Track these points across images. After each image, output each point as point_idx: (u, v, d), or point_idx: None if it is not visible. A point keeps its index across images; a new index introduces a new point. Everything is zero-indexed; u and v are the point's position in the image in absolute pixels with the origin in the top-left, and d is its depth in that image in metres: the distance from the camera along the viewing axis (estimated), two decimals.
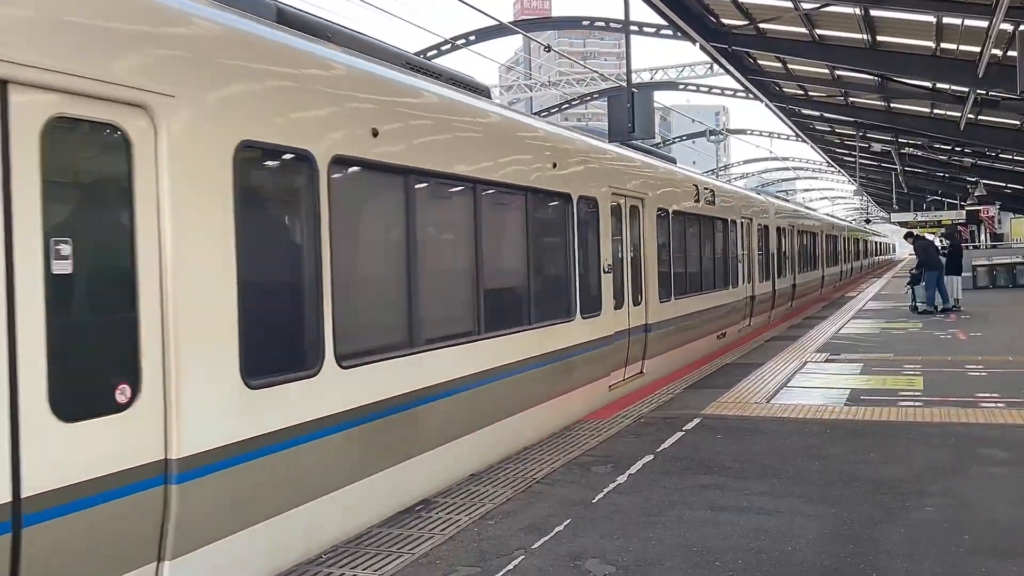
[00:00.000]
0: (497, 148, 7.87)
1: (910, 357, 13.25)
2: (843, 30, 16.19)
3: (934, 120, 23.62)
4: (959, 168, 34.19)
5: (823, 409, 9.41)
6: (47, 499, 3.70)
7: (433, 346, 6.55)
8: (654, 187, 12.11)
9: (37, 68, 3.70)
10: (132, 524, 4.10)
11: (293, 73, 5.32)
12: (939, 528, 5.52)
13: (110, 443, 3.98)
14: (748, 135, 48.57)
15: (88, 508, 3.86)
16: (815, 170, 60.81)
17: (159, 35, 4.36)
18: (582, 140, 10.26)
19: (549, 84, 39.65)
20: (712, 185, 16.22)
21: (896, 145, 30.66)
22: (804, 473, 6.88)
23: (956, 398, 9.78)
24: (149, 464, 4.16)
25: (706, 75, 34.04)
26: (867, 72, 18.92)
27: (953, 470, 6.87)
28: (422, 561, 5.16)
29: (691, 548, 5.26)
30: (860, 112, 24.74)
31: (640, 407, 9.85)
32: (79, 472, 3.83)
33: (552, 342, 8.60)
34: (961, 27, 14.39)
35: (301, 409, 5.12)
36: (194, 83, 4.49)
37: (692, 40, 17.56)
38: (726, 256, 16.23)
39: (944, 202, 46.02)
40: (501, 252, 8.08)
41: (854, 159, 33.72)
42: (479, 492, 6.57)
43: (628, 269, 10.92)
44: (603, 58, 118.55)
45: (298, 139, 5.21)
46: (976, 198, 37.19)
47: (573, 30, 76.75)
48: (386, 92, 6.35)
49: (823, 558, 5.05)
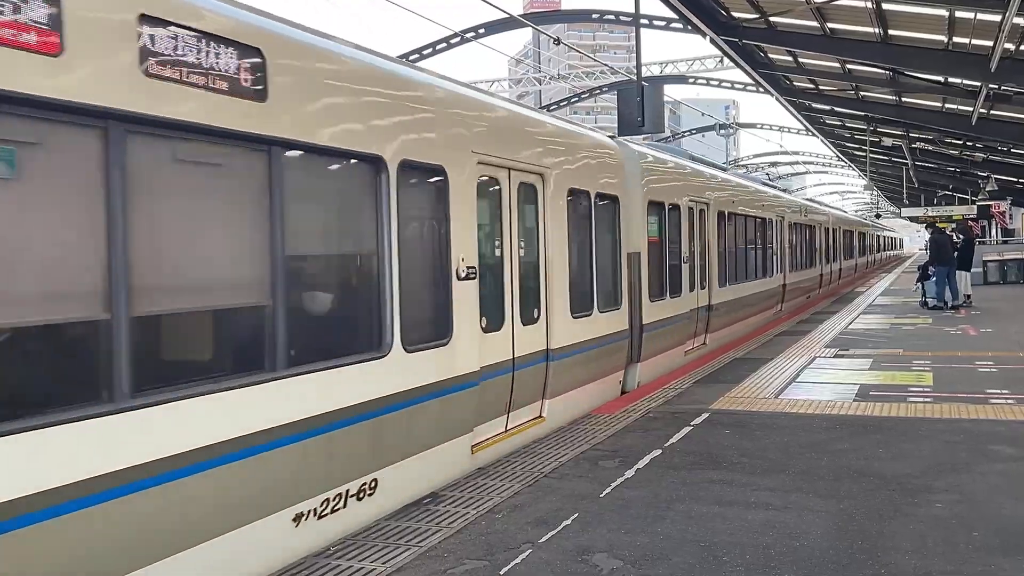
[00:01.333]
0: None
1: (920, 353, 13.21)
2: (854, 24, 16.08)
3: (946, 115, 23.48)
4: (970, 163, 34.00)
5: (832, 404, 9.39)
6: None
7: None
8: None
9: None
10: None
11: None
12: (948, 524, 5.51)
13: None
14: (758, 129, 48.37)
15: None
16: (825, 164, 60.51)
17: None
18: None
19: (558, 77, 39.53)
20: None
21: (907, 140, 30.50)
22: (812, 468, 6.88)
23: (965, 394, 9.75)
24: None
25: (716, 69, 33.84)
26: (878, 66, 18.80)
27: (962, 466, 6.85)
28: (430, 554, 5.17)
29: (699, 543, 5.27)
30: (871, 106, 24.61)
31: (648, 402, 9.84)
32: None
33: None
34: (974, 21, 14.29)
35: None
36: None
37: (702, 34, 17.47)
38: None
39: (955, 197, 45.74)
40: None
41: (865, 153, 33.58)
42: (487, 486, 6.58)
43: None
44: (612, 51, 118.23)
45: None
46: (987, 193, 37.03)
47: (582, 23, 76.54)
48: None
49: (831, 553, 5.05)
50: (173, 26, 4.30)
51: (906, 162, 35.37)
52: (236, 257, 4.91)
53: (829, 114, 28.88)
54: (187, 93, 4.38)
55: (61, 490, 3.75)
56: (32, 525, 3.64)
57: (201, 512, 4.44)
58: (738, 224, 16.35)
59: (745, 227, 16.97)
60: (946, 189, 46.18)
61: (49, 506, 3.70)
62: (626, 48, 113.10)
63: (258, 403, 4.79)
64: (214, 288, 4.82)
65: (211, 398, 4.49)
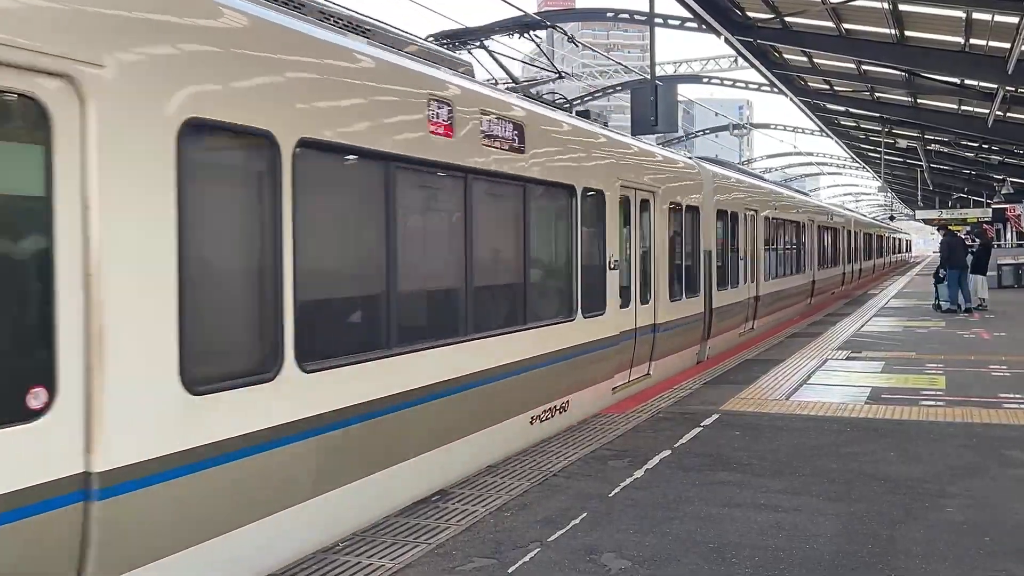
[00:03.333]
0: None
1: (932, 356, 13.13)
2: (870, 24, 16.01)
3: (961, 117, 23.36)
4: (986, 165, 33.81)
5: (843, 407, 9.34)
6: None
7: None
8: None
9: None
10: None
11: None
12: (959, 529, 5.47)
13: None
14: (772, 129, 48.21)
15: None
16: (839, 166, 60.24)
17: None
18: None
19: (572, 76, 39.52)
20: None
21: (922, 141, 30.34)
22: (823, 471, 6.84)
23: (978, 398, 9.68)
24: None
25: (730, 68, 33.73)
26: (894, 67, 18.71)
27: (974, 471, 6.81)
28: (438, 551, 5.17)
29: (708, 544, 5.25)
30: (886, 108, 24.51)
31: (658, 402, 9.82)
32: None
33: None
34: (991, 23, 14.20)
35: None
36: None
37: (717, 33, 17.42)
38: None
39: (970, 200, 45.49)
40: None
41: (879, 155, 33.41)
42: (496, 484, 6.58)
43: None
44: (627, 50, 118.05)
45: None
46: (1003, 196, 36.78)
47: (597, 22, 76.43)
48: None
49: (840, 557, 5.02)
50: (493, 115, 7.17)
51: (921, 164, 35.18)
52: (516, 255, 7.85)
53: (844, 115, 28.76)
54: (496, 152, 7.21)
55: (432, 386, 6.34)
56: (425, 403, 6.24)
57: (499, 407, 7.41)
58: (778, 228, 19.12)
59: (784, 230, 19.79)
60: (961, 192, 45.93)
61: (423, 397, 6.19)
62: (640, 47, 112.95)
63: (526, 340, 7.79)
64: (513, 271, 7.81)
65: (516, 335, 7.61)
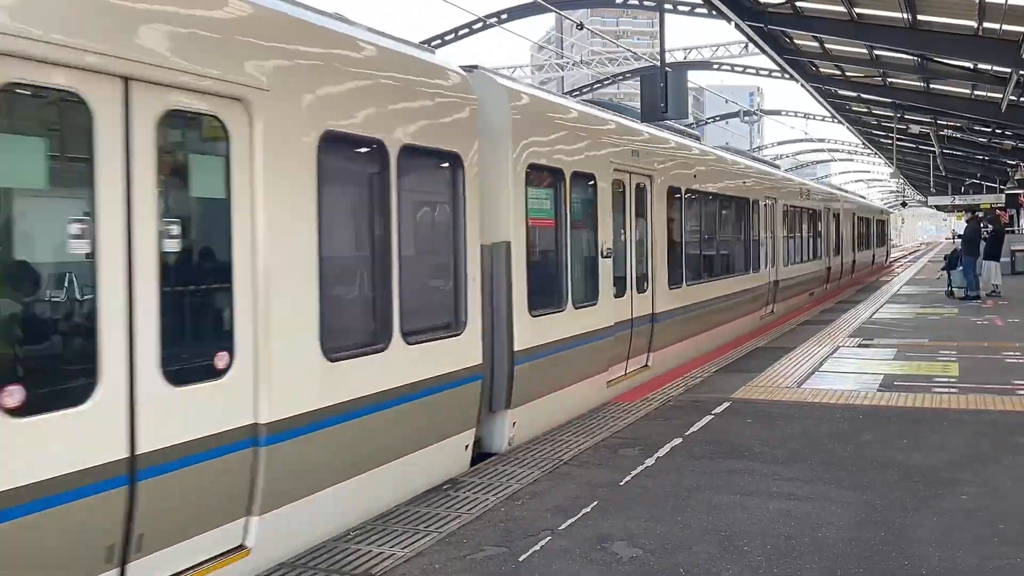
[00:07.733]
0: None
1: (945, 343, 13.06)
2: (882, 9, 15.85)
3: (974, 102, 23.14)
4: (999, 151, 33.51)
5: (855, 395, 9.31)
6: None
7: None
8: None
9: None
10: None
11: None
12: (973, 517, 5.44)
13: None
14: (783, 116, 47.89)
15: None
16: (851, 152, 59.88)
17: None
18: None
19: (581, 63, 39.29)
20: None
21: (935, 127, 30.09)
22: (835, 459, 6.81)
23: (991, 385, 9.62)
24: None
25: (741, 55, 33.48)
26: (906, 52, 18.54)
27: (988, 458, 6.77)
28: (449, 540, 5.18)
29: (719, 532, 5.24)
30: (898, 93, 24.29)
31: (669, 390, 9.80)
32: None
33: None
34: (1005, 6, 14.03)
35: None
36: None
37: (727, 19, 17.27)
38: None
39: (983, 186, 45.16)
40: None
41: (891, 141, 33.16)
42: (507, 472, 6.58)
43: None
44: (636, 37, 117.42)
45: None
46: (1016, 182, 36.50)
47: (606, 8, 76.11)
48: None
49: (853, 545, 5.00)
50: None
51: (933, 150, 34.91)
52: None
53: (855, 101, 28.54)
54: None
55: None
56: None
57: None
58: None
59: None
60: (974, 178, 45.58)
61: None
62: (649, 34, 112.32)
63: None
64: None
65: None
